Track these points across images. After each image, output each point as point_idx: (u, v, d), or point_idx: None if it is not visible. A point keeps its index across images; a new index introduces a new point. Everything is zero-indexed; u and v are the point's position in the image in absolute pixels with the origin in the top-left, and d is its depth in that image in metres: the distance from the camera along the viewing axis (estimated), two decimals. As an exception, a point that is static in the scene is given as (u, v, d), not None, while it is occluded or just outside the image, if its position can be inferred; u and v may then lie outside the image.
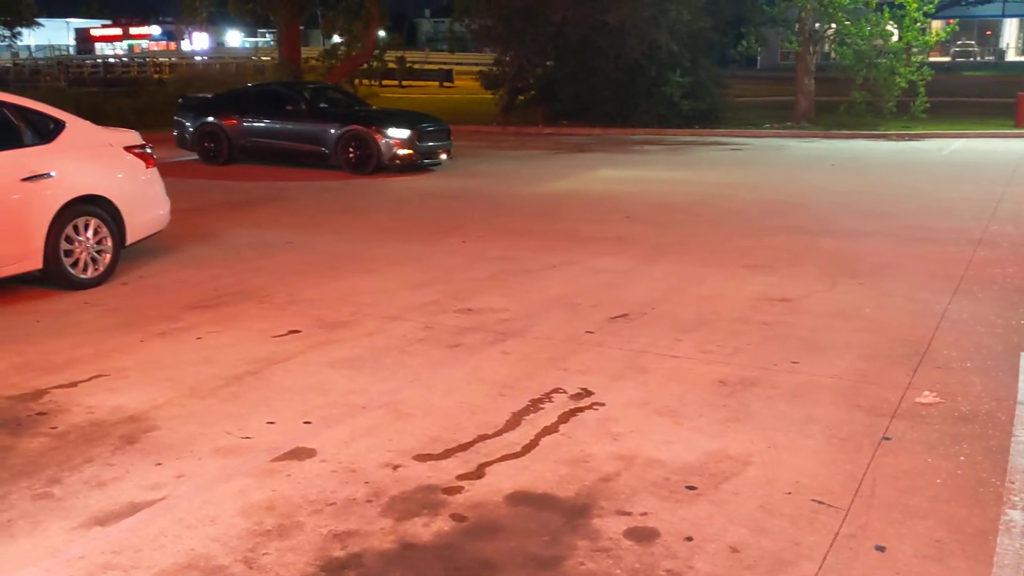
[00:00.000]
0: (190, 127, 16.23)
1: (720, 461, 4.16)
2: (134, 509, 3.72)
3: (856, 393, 5.01)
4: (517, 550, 3.42)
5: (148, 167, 8.11)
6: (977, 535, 3.51)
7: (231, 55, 58.80)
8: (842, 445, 4.33)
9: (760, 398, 4.95)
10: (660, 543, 3.46)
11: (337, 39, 32.13)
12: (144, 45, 73.87)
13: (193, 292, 7.31)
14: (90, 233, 7.41)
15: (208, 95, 17.98)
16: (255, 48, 68.75)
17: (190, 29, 58.17)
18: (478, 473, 4.04)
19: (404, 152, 14.72)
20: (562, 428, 4.54)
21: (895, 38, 22.90)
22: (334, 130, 14.93)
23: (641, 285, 7.45)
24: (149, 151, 8.18)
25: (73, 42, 77.30)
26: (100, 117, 11.72)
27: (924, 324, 6.30)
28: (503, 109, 24.98)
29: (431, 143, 15.20)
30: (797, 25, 23.44)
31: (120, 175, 7.87)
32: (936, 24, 33.73)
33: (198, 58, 55.61)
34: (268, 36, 68.16)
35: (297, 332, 6.18)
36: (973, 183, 13.42)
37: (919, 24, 22.10)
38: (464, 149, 17.31)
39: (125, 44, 74.37)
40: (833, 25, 23.02)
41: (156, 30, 79.03)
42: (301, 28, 31.09)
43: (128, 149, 7.95)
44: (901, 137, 20.60)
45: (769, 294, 7.13)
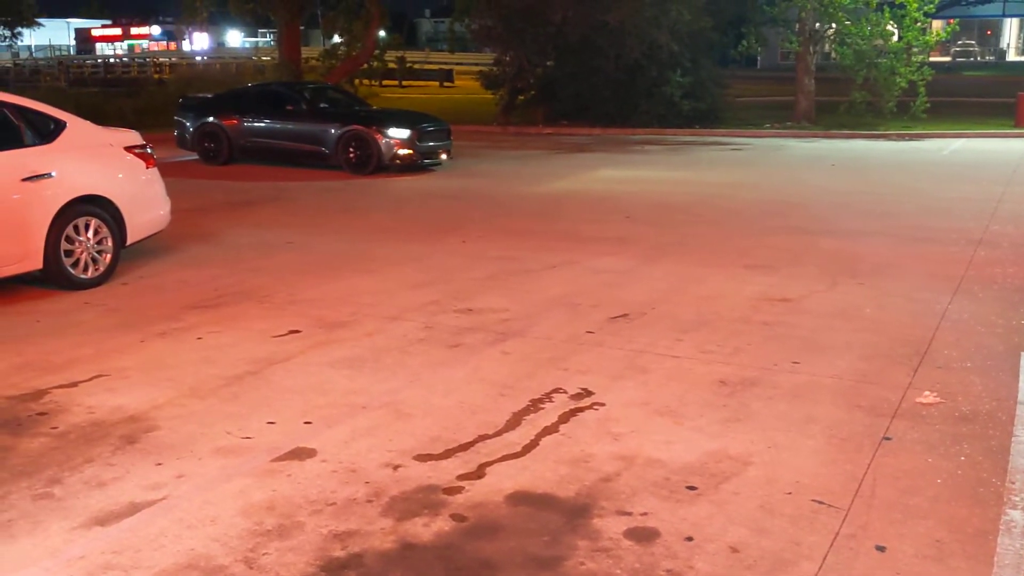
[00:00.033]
0: (190, 127, 16.22)
1: (720, 461, 4.16)
2: (134, 509, 3.73)
3: (856, 393, 5.01)
4: (517, 550, 3.42)
5: (148, 167, 8.12)
6: (977, 535, 3.51)
7: (231, 55, 58.80)
8: (842, 445, 4.33)
9: (760, 398, 4.95)
10: (660, 543, 3.46)
11: (337, 39, 32.14)
12: (144, 45, 73.90)
13: (193, 292, 7.31)
14: (90, 233, 7.41)
15: (208, 95, 17.98)
16: (255, 48, 68.79)
17: (190, 29, 58.24)
18: (478, 473, 4.04)
19: (404, 152, 14.71)
20: (562, 428, 4.54)
21: (895, 38, 22.91)
22: (334, 130, 14.92)
23: (641, 285, 7.45)
24: (149, 151, 8.18)
25: (73, 42, 77.35)
26: (100, 117, 11.72)
27: (924, 324, 6.30)
28: (503, 109, 24.98)
29: (431, 143, 15.20)
30: (797, 25, 23.44)
31: (120, 175, 7.87)
32: (936, 24, 33.78)
33: (198, 58, 55.64)
34: (268, 36, 68.21)
35: (297, 332, 6.19)
36: (973, 183, 13.42)
37: (919, 24, 22.10)
38: (464, 149, 17.31)
39: (125, 44, 74.42)
40: (833, 25, 23.02)
41: (156, 30, 79.09)
42: (301, 28, 31.09)
43: (128, 149, 7.96)
44: (901, 137, 20.60)
45: (769, 294, 7.13)
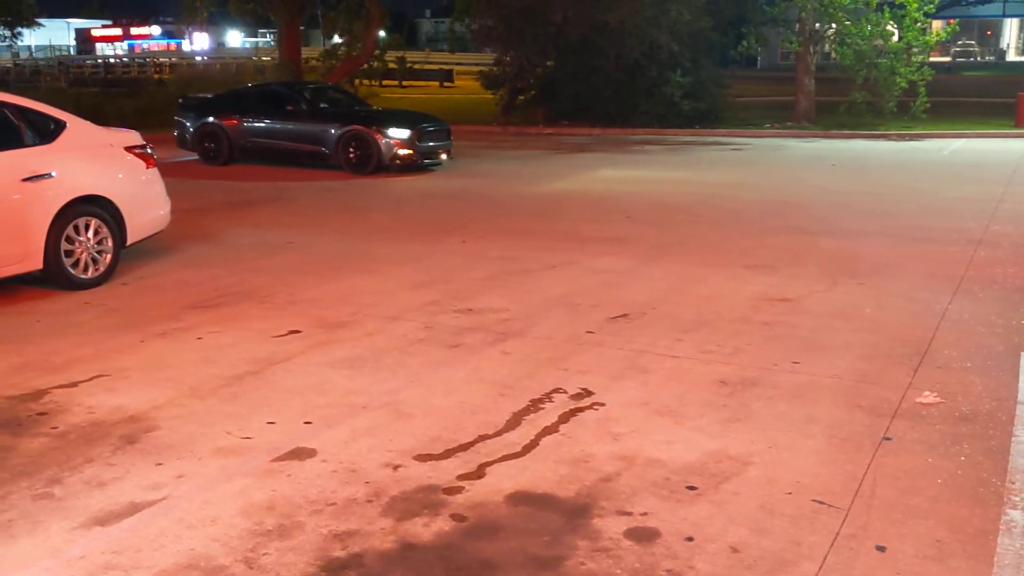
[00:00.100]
0: (190, 127, 16.23)
1: (720, 461, 4.16)
2: (134, 509, 3.73)
3: (857, 393, 5.01)
4: (517, 550, 3.42)
5: (149, 167, 8.12)
6: (978, 535, 3.51)
7: (231, 55, 58.79)
8: (843, 445, 4.33)
9: (760, 398, 4.95)
10: (660, 543, 3.46)
11: (337, 39, 32.18)
12: (145, 45, 73.94)
13: (193, 292, 7.31)
14: (90, 233, 7.41)
15: (208, 95, 18.00)
16: (255, 48, 68.76)
17: (190, 29, 58.22)
18: (478, 473, 4.04)
19: (404, 152, 14.71)
20: (562, 428, 4.54)
21: (895, 38, 22.91)
22: (334, 130, 14.92)
23: (641, 285, 7.45)
24: (149, 151, 8.18)
25: (73, 42, 77.37)
26: (101, 117, 11.70)
27: (924, 324, 6.30)
28: (503, 109, 24.99)
29: (431, 143, 15.20)
30: (797, 25, 23.44)
31: (121, 175, 7.87)
32: (936, 24, 33.76)
33: (198, 58, 55.63)
34: (268, 36, 68.20)
35: (297, 332, 6.19)
36: (973, 183, 13.42)
37: (919, 24, 22.10)
38: (464, 149, 17.31)
39: (126, 44, 74.45)
40: (833, 25, 23.03)
41: (156, 30, 79.13)
42: (301, 28, 31.13)
43: (129, 149, 7.96)
44: (901, 137, 20.59)
45: (769, 294, 7.13)
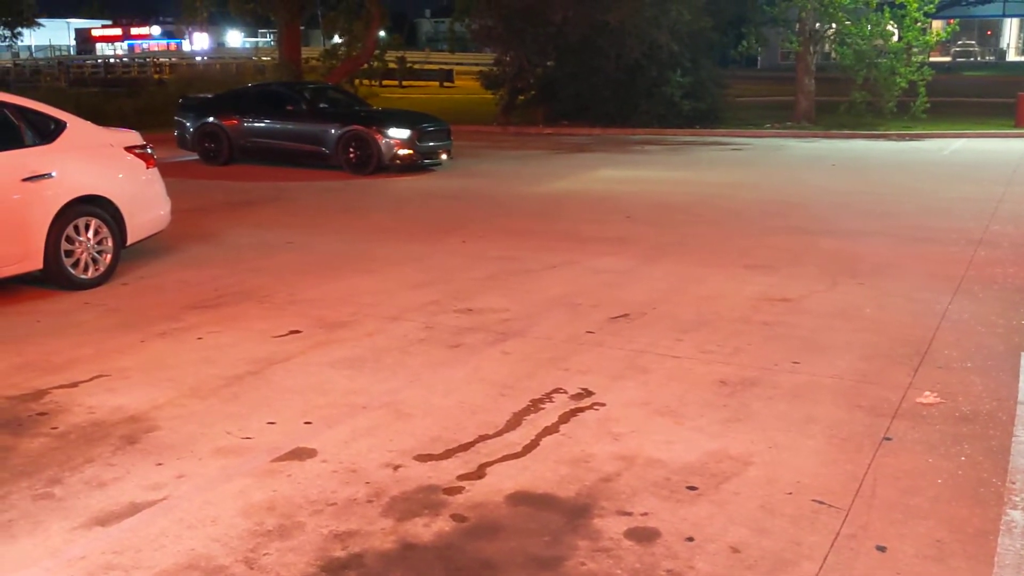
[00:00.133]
0: (190, 127, 16.23)
1: (721, 461, 4.16)
2: (135, 509, 3.73)
3: (857, 393, 5.01)
4: (518, 550, 3.42)
5: (149, 167, 8.12)
6: (978, 535, 3.51)
7: (231, 55, 58.79)
8: (843, 445, 4.33)
9: (761, 398, 4.95)
10: (661, 543, 3.46)
11: (338, 39, 32.18)
12: (145, 45, 73.96)
13: (194, 292, 7.31)
14: (91, 233, 7.41)
15: (208, 95, 17.99)
16: (255, 48, 68.78)
17: (191, 29, 58.23)
18: (479, 473, 4.04)
19: (404, 152, 14.71)
20: (563, 428, 4.54)
21: (895, 38, 22.91)
22: (334, 130, 14.92)
23: (641, 285, 7.45)
24: (150, 151, 8.18)
25: (73, 42, 77.38)
26: (101, 117, 11.72)
27: (925, 324, 6.30)
28: (503, 109, 24.99)
29: (431, 143, 15.20)
30: (797, 25, 23.44)
31: (121, 175, 7.87)
32: (937, 24, 33.76)
33: (198, 58, 55.63)
34: (268, 36, 68.21)
35: (298, 332, 6.19)
36: (973, 183, 13.42)
37: (919, 24, 22.10)
38: (464, 149, 17.31)
39: (126, 44, 74.46)
40: (833, 25, 23.02)
41: (156, 30, 79.14)
42: (301, 28, 31.12)
43: (129, 149, 7.96)
44: (901, 137, 20.59)
45: (769, 294, 7.13)
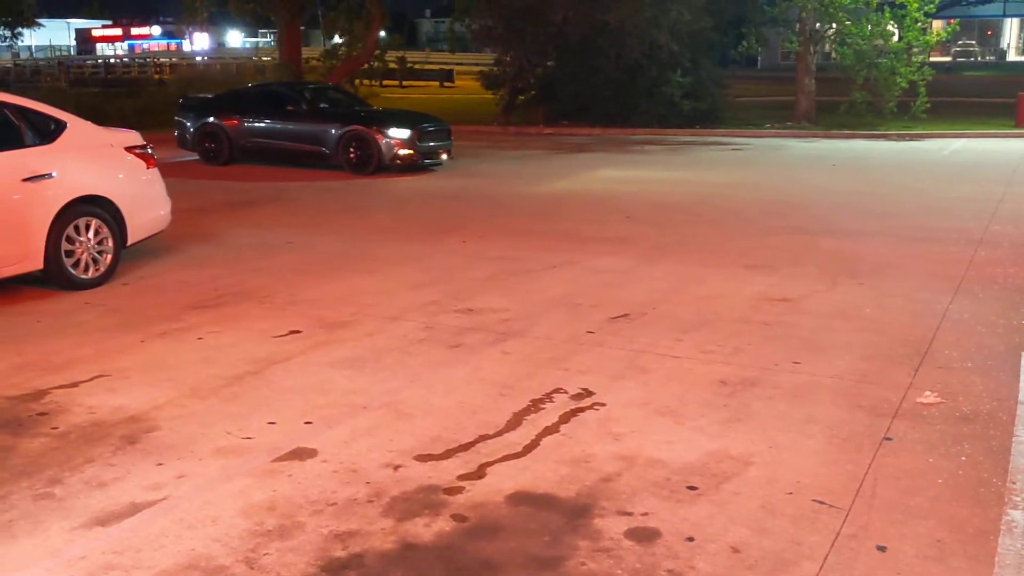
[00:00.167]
0: (191, 127, 16.23)
1: (721, 461, 4.16)
2: (135, 509, 3.73)
3: (857, 393, 5.01)
4: (518, 550, 3.42)
5: (149, 167, 8.12)
6: (978, 535, 3.51)
7: (232, 55, 58.78)
8: (843, 445, 4.33)
9: (761, 398, 4.95)
10: (661, 543, 3.46)
11: (338, 39, 32.19)
12: (145, 45, 73.97)
13: (194, 292, 7.31)
14: (91, 233, 7.41)
15: (209, 95, 17.99)
16: (256, 48, 68.76)
17: (191, 29, 58.23)
18: (479, 473, 4.04)
19: (405, 152, 14.71)
20: (563, 428, 4.54)
21: (896, 38, 22.90)
22: (335, 130, 14.92)
23: (641, 285, 7.45)
24: (150, 151, 8.18)
25: (74, 43, 77.38)
26: (101, 117, 11.72)
27: (925, 324, 6.30)
28: (503, 109, 24.99)
29: (432, 143, 15.20)
30: (798, 25, 23.44)
31: (121, 175, 7.87)
32: (937, 24, 33.79)
33: (199, 58, 55.63)
34: (269, 36, 68.20)
35: (298, 332, 6.19)
36: (974, 183, 13.42)
37: (920, 24, 22.10)
38: (465, 149, 17.31)
39: (126, 44, 74.47)
40: (834, 25, 23.02)
41: (157, 30, 79.15)
42: (302, 28, 31.13)
43: (129, 149, 7.96)
44: (901, 137, 20.59)
45: (769, 294, 7.13)
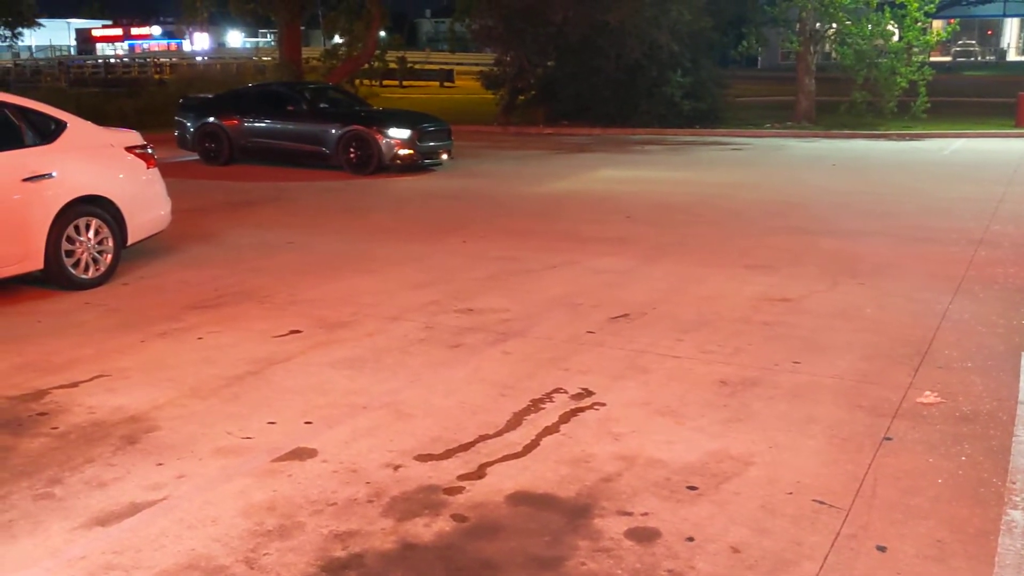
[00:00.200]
0: (191, 127, 16.23)
1: (721, 461, 4.16)
2: (135, 509, 3.73)
3: (857, 393, 5.01)
4: (518, 550, 3.42)
5: (149, 167, 8.12)
6: (979, 535, 3.51)
7: (232, 55, 58.79)
8: (843, 445, 4.33)
9: (761, 398, 4.95)
10: (661, 543, 3.46)
11: (338, 39, 32.19)
12: (145, 45, 73.97)
13: (194, 292, 7.31)
14: (91, 233, 7.41)
15: (209, 95, 18.00)
16: (256, 48, 68.77)
17: (191, 29, 58.22)
18: (479, 473, 4.04)
19: (405, 152, 14.71)
20: (563, 428, 4.54)
21: (896, 38, 22.90)
22: (335, 130, 14.92)
23: (642, 285, 7.45)
24: (150, 151, 8.18)
25: (74, 42, 77.39)
26: (101, 117, 11.72)
27: (925, 324, 6.30)
28: (504, 109, 24.98)
29: (432, 143, 15.20)
30: (798, 25, 23.43)
31: (121, 175, 7.87)
32: (937, 24, 33.78)
33: (199, 58, 55.63)
34: (269, 36, 68.19)
35: (298, 332, 6.19)
36: (974, 183, 13.42)
37: (920, 24, 22.10)
38: (465, 149, 17.31)
39: (126, 44, 74.48)
40: (834, 25, 23.02)
41: (157, 30, 79.15)
42: (302, 28, 31.13)
43: (129, 149, 7.96)
44: (902, 137, 20.59)
45: (770, 294, 7.13)
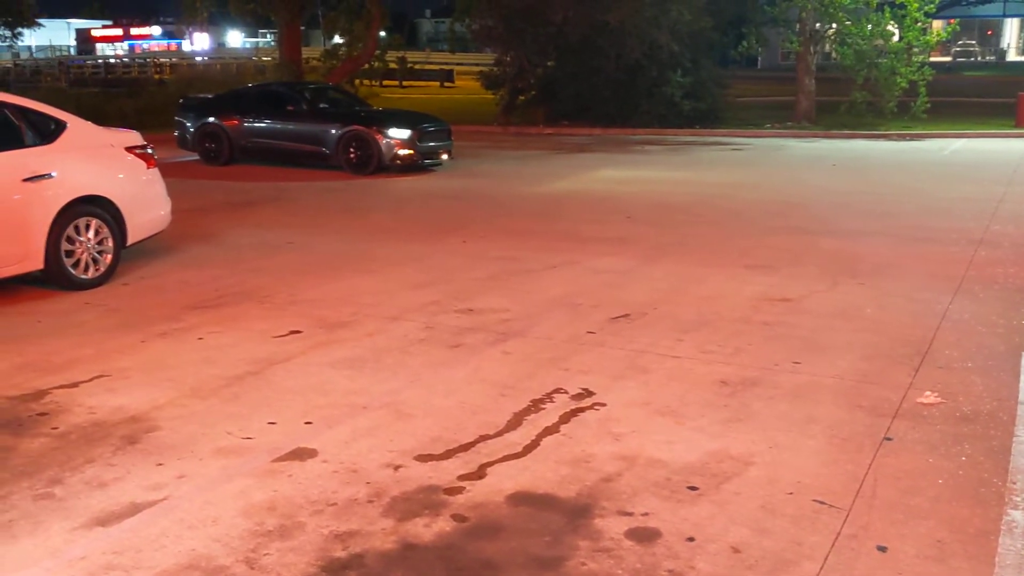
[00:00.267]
0: (191, 127, 16.22)
1: (721, 461, 4.16)
2: (135, 509, 3.73)
3: (857, 393, 5.01)
4: (518, 550, 3.42)
5: (149, 167, 8.12)
6: (979, 535, 3.51)
7: (232, 55, 58.79)
8: (843, 445, 4.33)
9: (761, 398, 4.95)
10: (661, 543, 3.46)
11: (338, 39, 32.19)
12: (145, 45, 73.97)
13: (194, 292, 7.31)
14: (91, 233, 7.41)
15: (209, 95, 18.00)
16: (256, 48, 68.76)
17: (191, 29, 58.23)
18: (479, 473, 4.04)
19: (405, 152, 14.71)
20: (563, 428, 4.54)
21: (896, 38, 22.90)
22: (335, 130, 14.92)
23: (642, 285, 7.45)
24: (150, 151, 8.18)
25: (74, 43, 77.39)
26: (101, 117, 11.72)
27: (925, 324, 6.30)
28: (504, 109, 24.98)
29: (432, 143, 15.20)
30: (798, 25, 23.44)
31: (121, 175, 7.87)
32: (937, 24, 33.75)
33: (199, 58, 55.63)
34: (269, 36, 68.21)
35: (298, 332, 6.19)
36: (974, 183, 13.42)
37: (920, 24, 22.10)
38: (465, 149, 17.31)
39: (126, 44, 74.48)
40: (834, 25, 23.03)
41: (157, 30, 79.16)
42: (302, 28, 31.14)
43: (129, 149, 7.96)
44: (902, 137, 20.59)
45: (770, 294, 7.13)
